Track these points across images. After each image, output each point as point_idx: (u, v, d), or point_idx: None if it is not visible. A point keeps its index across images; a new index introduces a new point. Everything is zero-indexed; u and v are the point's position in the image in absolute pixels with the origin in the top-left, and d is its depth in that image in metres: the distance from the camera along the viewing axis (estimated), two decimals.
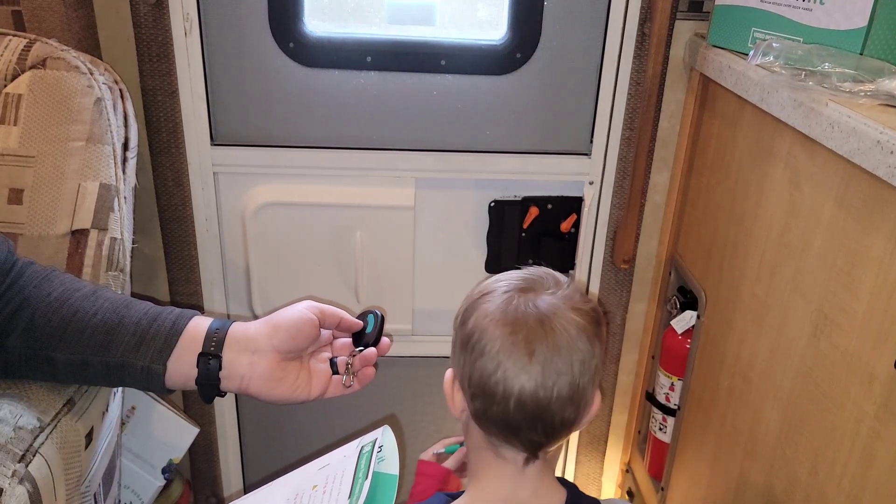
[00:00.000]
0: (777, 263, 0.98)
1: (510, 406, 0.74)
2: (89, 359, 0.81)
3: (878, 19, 0.85)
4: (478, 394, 0.77)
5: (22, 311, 0.81)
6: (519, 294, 0.77)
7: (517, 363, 0.73)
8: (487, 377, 0.75)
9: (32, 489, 0.78)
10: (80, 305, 0.82)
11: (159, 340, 0.81)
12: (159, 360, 0.80)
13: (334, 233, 1.34)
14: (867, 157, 0.75)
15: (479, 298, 0.80)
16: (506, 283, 0.80)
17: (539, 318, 0.74)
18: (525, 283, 0.79)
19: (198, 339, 0.82)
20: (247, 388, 0.83)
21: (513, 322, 0.75)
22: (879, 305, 0.77)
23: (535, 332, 0.74)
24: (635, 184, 1.31)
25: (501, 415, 0.75)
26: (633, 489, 1.56)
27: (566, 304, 0.76)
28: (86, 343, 0.81)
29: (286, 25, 1.20)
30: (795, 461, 0.93)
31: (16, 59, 1.01)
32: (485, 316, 0.77)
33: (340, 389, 0.90)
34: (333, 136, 1.29)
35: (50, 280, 0.84)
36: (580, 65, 1.27)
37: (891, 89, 0.81)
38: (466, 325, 0.80)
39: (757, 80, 0.99)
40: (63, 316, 0.81)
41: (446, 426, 1.57)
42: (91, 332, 0.81)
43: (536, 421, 0.74)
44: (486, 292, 0.80)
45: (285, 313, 0.86)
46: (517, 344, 0.74)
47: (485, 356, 0.76)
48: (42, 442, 0.83)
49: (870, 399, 0.79)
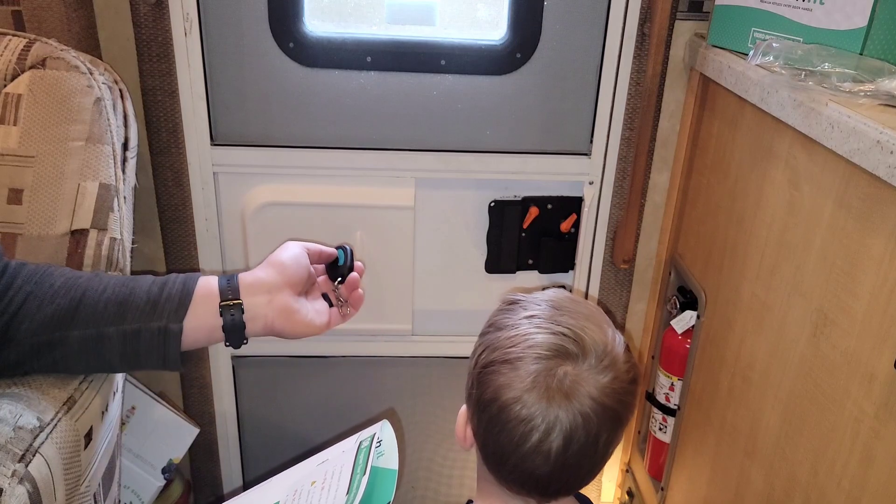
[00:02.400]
0: (777, 263, 0.98)
1: (517, 475, 0.74)
2: (104, 330, 0.82)
3: (878, 19, 0.85)
4: (494, 461, 0.75)
5: (27, 304, 0.82)
6: (548, 371, 0.70)
7: (531, 446, 0.70)
8: (509, 453, 0.72)
9: (32, 489, 0.78)
10: (87, 285, 0.84)
11: (173, 301, 0.84)
12: (176, 318, 0.83)
13: (334, 233, 1.34)
14: (867, 157, 0.75)
15: (505, 362, 0.72)
16: (536, 349, 0.71)
17: (567, 403, 0.69)
18: (558, 349, 0.71)
19: (212, 293, 0.86)
20: (272, 326, 0.88)
21: (540, 404, 0.70)
22: (879, 305, 0.77)
23: (562, 414, 0.69)
24: (635, 184, 1.32)
25: (512, 477, 0.75)
26: (633, 489, 1.56)
27: (602, 386, 0.70)
28: (99, 316, 0.83)
29: (286, 25, 1.20)
30: (795, 461, 0.93)
31: (15, 58, 1.01)
32: (509, 389, 0.71)
33: (340, 318, 0.97)
34: (333, 136, 1.29)
35: (49, 273, 0.85)
36: (580, 65, 1.27)
37: (890, 89, 0.81)
38: (485, 388, 0.73)
39: (757, 80, 0.99)
40: (72, 297, 0.83)
41: (446, 426, 1.57)
42: (104, 306, 0.83)
43: (548, 485, 0.74)
44: (513, 358, 0.72)
45: (282, 252, 0.92)
46: (538, 428, 0.69)
47: (503, 433, 0.71)
48: (42, 442, 0.82)
49: (870, 399, 0.79)
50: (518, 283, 1.43)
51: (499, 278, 1.43)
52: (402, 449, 1.59)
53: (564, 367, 0.70)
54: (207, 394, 1.44)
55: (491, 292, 1.44)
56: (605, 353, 0.72)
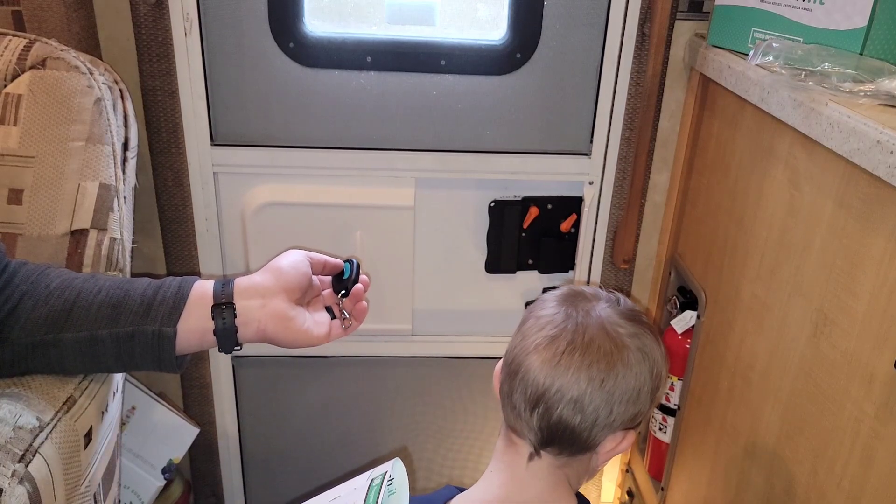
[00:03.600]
0: (777, 263, 0.98)
1: (515, 381, 0.76)
2: (98, 333, 0.82)
3: (878, 19, 0.85)
4: (503, 367, 0.80)
5: (22, 304, 0.82)
6: (576, 296, 0.80)
7: (536, 341, 0.75)
8: (512, 350, 0.78)
9: (32, 489, 0.78)
10: (82, 287, 0.83)
11: (167, 305, 0.83)
12: (169, 322, 0.82)
13: (334, 233, 1.34)
14: (867, 157, 0.75)
15: (545, 293, 0.87)
16: (569, 288, 0.83)
17: (584, 318, 0.77)
18: (581, 292, 0.82)
19: (206, 297, 0.84)
20: (264, 331, 0.85)
21: (558, 309, 0.78)
22: (879, 305, 0.77)
23: (570, 325, 0.76)
24: (635, 184, 1.32)
25: (510, 391, 0.77)
26: (633, 489, 1.56)
27: (618, 317, 0.78)
28: (93, 319, 0.82)
29: (286, 25, 1.20)
30: (795, 461, 0.93)
31: (15, 59, 1.01)
32: (540, 300, 0.82)
33: (342, 331, 0.94)
34: (333, 136, 1.29)
35: (46, 274, 0.85)
36: (580, 65, 1.27)
37: (890, 89, 0.81)
38: (525, 312, 0.83)
39: (757, 80, 0.99)
40: (66, 299, 0.82)
41: (446, 426, 1.57)
42: (98, 308, 0.82)
43: (535, 406, 0.75)
44: (551, 288, 0.87)
45: (281, 258, 0.90)
46: (544, 327, 0.76)
47: (519, 333, 0.79)
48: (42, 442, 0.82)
49: (870, 399, 0.79)
50: (518, 283, 1.43)
51: (499, 278, 1.43)
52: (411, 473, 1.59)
53: (588, 302, 0.80)
54: (207, 394, 1.44)
55: (491, 292, 1.44)
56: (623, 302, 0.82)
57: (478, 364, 1.49)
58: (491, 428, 1.58)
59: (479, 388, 1.52)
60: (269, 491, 1.61)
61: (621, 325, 0.76)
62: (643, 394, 0.76)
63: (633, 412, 0.76)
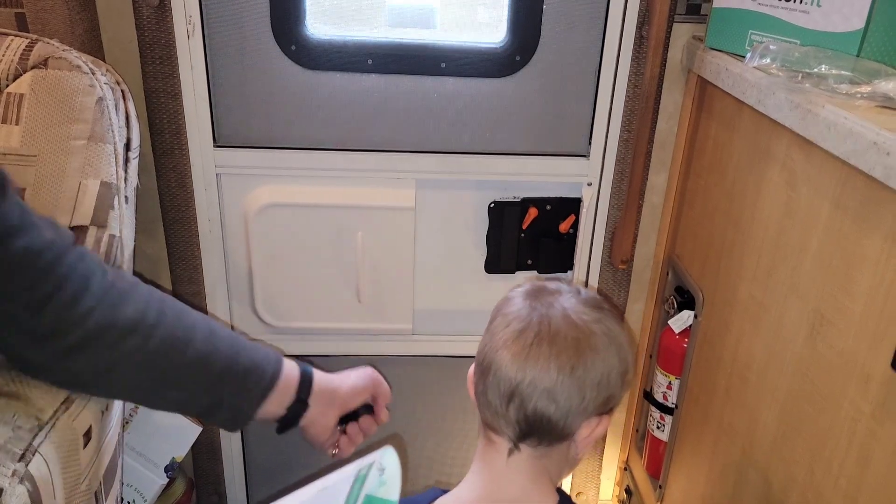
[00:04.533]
0: (774, 264, 0.99)
1: (489, 378, 0.77)
2: (188, 399, 0.87)
3: (875, 22, 0.85)
4: (476, 368, 0.81)
5: (96, 345, 0.79)
6: (540, 291, 0.82)
7: (504, 337, 0.77)
8: (482, 349, 0.80)
9: (32, 488, 0.78)
10: (168, 348, 0.83)
11: (258, 391, 0.89)
12: (254, 406, 0.89)
13: (336, 233, 1.35)
14: (864, 159, 0.76)
15: (510, 291, 0.86)
16: (532, 284, 0.85)
17: (547, 311, 0.78)
18: (545, 287, 0.83)
19: (290, 387, 0.91)
20: (308, 428, 0.95)
21: (523, 304, 0.80)
22: (876, 306, 0.78)
23: (535, 318, 0.77)
24: (633, 185, 1.32)
25: (484, 389, 0.78)
26: (632, 487, 1.56)
27: (581, 306, 0.79)
28: (186, 379, 0.85)
29: (288, 28, 1.21)
30: (792, 460, 0.94)
31: (17, 58, 1.01)
32: (505, 299, 0.84)
33: (327, 451, 1.01)
34: (335, 138, 1.29)
35: (125, 300, 0.81)
36: (579, 67, 1.28)
37: (887, 91, 0.81)
38: (492, 311, 0.85)
39: (754, 82, 0.99)
40: (152, 363, 0.82)
41: (445, 426, 1.58)
42: (191, 370, 0.85)
43: (510, 400, 0.76)
44: (516, 287, 0.86)
45: (360, 379, 0.98)
46: (511, 323, 0.78)
47: (488, 331, 0.81)
48: (41, 441, 0.82)
49: (866, 399, 0.79)
50: (517, 284, 1.44)
51: (498, 278, 1.43)
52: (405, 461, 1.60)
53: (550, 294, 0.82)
54: None
55: (490, 292, 1.45)
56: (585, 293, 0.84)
57: None
58: None
59: None
60: (272, 489, 1.61)
61: (585, 313, 0.78)
62: (613, 377, 0.78)
63: (605, 396, 0.78)
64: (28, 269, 0.75)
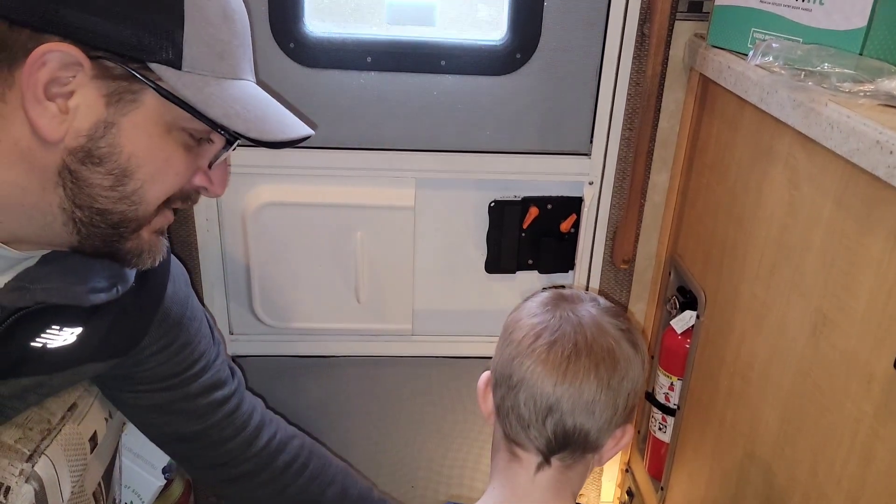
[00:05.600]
0: (776, 263, 0.98)
1: (520, 394, 0.74)
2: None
3: (878, 19, 0.85)
4: (499, 381, 0.78)
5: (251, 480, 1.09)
6: (559, 299, 0.79)
7: (536, 350, 0.74)
8: (508, 362, 0.76)
9: (39, 488, 0.80)
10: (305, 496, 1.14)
11: None
12: None
13: (335, 233, 1.34)
14: (866, 157, 0.75)
15: (523, 302, 0.83)
16: (548, 293, 0.82)
17: (577, 320, 0.76)
18: (563, 295, 0.81)
19: None
20: None
21: (547, 314, 0.77)
22: (878, 305, 0.77)
23: (567, 328, 0.75)
24: (635, 184, 1.32)
25: (514, 404, 0.75)
26: (633, 489, 1.56)
27: (605, 315, 0.77)
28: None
29: (287, 26, 1.21)
30: (794, 461, 0.93)
31: None
32: (522, 309, 0.80)
33: None
34: (334, 137, 1.29)
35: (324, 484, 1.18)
36: (580, 65, 1.27)
37: (890, 89, 0.81)
38: (506, 323, 0.81)
39: (756, 80, 0.99)
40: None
41: (445, 426, 1.57)
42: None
43: (547, 416, 0.74)
44: (528, 297, 0.83)
45: None
46: (541, 334, 0.75)
47: (510, 343, 0.77)
48: (48, 444, 0.84)
49: (869, 399, 0.79)
50: (518, 283, 1.44)
51: (499, 278, 1.43)
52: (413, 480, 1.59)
53: (569, 303, 0.80)
54: None
55: (491, 292, 1.44)
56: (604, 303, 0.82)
57: (478, 364, 1.49)
58: (490, 428, 1.58)
59: None
60: None
61: (612, 322, 0.77)
62: (640, 385, 0.77)
63: (633, 405, 0.77)
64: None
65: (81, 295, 0.76)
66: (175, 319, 0.96)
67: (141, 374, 0.95)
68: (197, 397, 1.00)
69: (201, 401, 1.01)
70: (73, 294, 0.76)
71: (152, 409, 0.99)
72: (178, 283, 0.99)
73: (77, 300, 0.76)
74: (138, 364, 0.94)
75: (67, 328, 0.80)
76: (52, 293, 0.75)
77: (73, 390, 0.93)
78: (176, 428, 1.01)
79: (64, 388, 0.91)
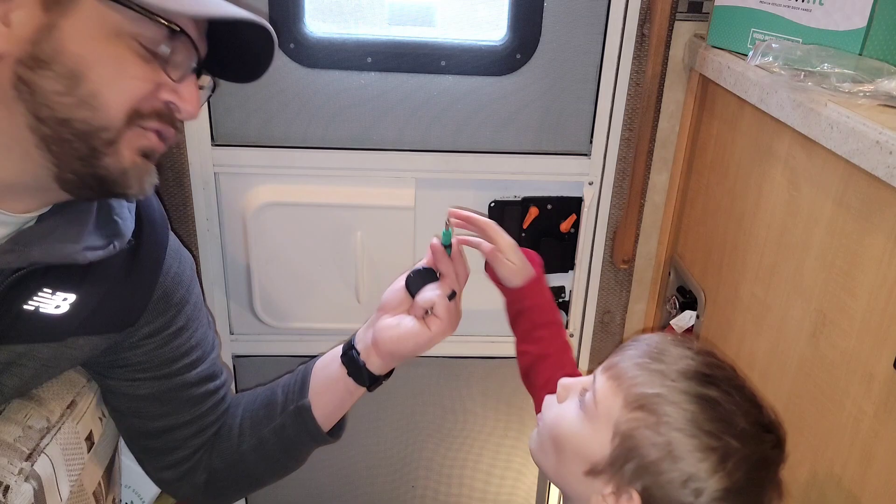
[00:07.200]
0: (776, 263, 0.98)
1: (663, 465, 0.71)
2: (262, 433, 1.02)
3: (878, 20, 0.85)
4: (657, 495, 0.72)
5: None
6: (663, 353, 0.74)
7: (710, 472, 0.70)
8: (677, 489, 0.71)
9: (38, 487, 0.80)
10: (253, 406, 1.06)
11: (297, 384, 1.02)
12: (301, 396, 1.00)
13: (335, 233, 1.34)
14: (866, 158, 0.75)
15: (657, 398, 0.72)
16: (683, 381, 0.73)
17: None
18: (705, 377, 0.73)
19: (334, 356, 1.02)
20: (378, 347, 0.98)
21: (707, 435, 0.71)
22: (878, 305, 0.77)
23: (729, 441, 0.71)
24: (635, 184, 1.32)
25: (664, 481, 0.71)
26: None
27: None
28: (258, 423, 1.04)
29: (287, 26, 1.21)
30: (794, 460, 0.93)
31: None
32: (669, 427, 0.71)
33: (445, 310, 0.99)
34: (334, 137, 1.29)
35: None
36: (580, 65, 1.27)
37: (890, 90, 0.81)
38: (638, 435, 0.72)
39: (756, 80, 0.99)
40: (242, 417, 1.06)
41: (446, 426, 1.57)
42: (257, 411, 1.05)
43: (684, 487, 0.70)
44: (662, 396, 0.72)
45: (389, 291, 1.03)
46: (709, 457, 0.70)
47: (672, 474, 0.71)
48: (48, 442, 0.84)
49: (869, 399, 0.79)
50: None
51: None
52: (413, 480, 1.59)
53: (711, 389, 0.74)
54: None
55: (491, 292, 1.44)
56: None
57: (478, 364, 1.49)
58: (490, 428, 1.58)
59: (478, 388, 1.52)
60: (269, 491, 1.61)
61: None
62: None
63: None
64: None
65: (76, 253, 0.76)
66: (177, 301, 0.95)
67: (136, 359, 0.93)
68: (192, 386, 0.98)
69: (196, 390, 0.99)
70: (67, 252, 0.75)
71: (147, 398, 0.97)
72: (184, 265, 0.98)
73: (71, 258, 0.76)
74: (134, 347, 0.92)
75: (60, 292, 0.79)
76: (45, 252, 0.75)
77: (71, 386, 0.93)
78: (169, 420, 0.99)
79: (55, 368, 0.89)
